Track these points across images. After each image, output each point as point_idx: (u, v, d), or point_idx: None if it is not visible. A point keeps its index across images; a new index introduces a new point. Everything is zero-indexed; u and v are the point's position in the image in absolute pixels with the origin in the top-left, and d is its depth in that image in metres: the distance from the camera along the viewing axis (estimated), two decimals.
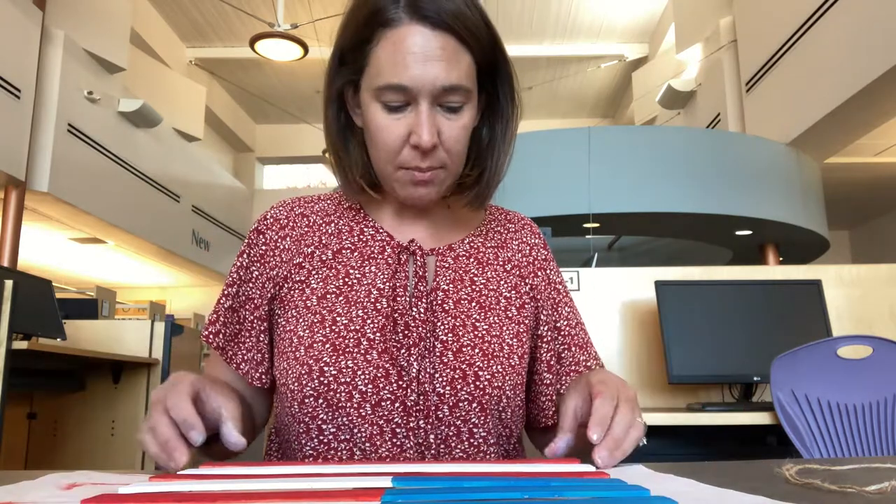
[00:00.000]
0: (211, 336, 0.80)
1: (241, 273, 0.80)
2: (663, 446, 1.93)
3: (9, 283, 2.40)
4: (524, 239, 0.86)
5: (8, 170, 4.59)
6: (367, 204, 0.83)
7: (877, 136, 5.67)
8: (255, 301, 0.79)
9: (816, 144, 5.32)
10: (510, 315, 0.78)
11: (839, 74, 4.56)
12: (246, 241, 0.82)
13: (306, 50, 6.09)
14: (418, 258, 0.76)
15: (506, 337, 0.76)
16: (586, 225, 5.17)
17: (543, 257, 0.86)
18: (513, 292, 0.80)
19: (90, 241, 6.66)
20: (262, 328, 0.79)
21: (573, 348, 0.83)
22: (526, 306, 0.81)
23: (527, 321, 0.80)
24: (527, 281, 0.83)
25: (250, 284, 0.79)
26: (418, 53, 0.67)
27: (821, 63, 4.82)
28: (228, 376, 0.80)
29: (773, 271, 2.46)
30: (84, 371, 3.59)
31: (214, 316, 0.81)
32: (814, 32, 4.94)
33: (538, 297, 0.83)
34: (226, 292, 0.81)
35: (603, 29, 8.34)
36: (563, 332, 0.84)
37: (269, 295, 0.78)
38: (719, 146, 5.30)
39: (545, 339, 0.82)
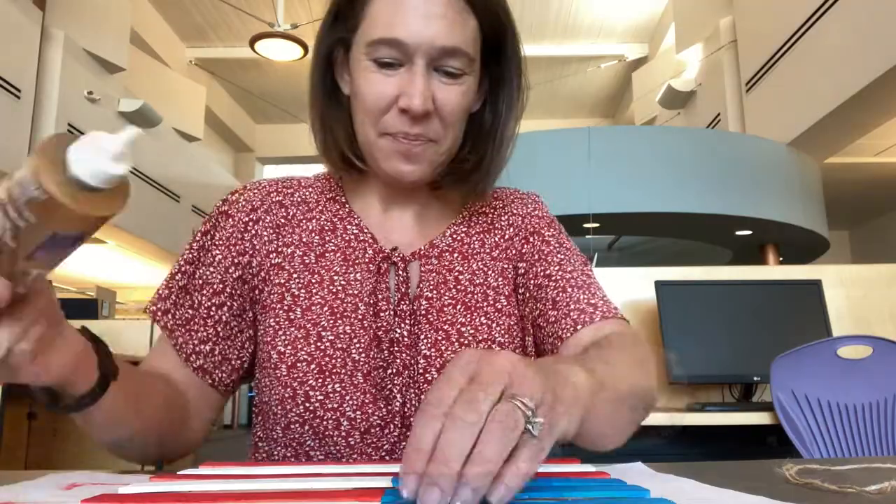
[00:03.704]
0: (159, 314, 0.69)
1: (201, 255, 0.71)
2: (663, 446, 1.93)
3: None
4: (515, 211, 0.79)
5: (8, 170, 4.58)
6: (351, 192, 0.76)
7: (877, 136, 5.67)
8: (215, 286, 0.70)
9: (816, 144, 5.32)
10: (499, 307, 0.72)
11: (839, 74, 4.56)
12: (210, 220, 0.73)
13: (306, 50, 6.08)
14: (400, 270, 0.70)
15: (496, 336, 0.70)
16: (586, 225, 5.17)
17: (538, 223, 0.78)
18: (500, 280, 0.74)
19: (90, 241, 6.66)
20: (221, 319, 0.69)
21: (569, 289, 0.72)
22: (517, 290, 0.75)
23: (517, 309, 0.74)
24: (514, 261, 0.76)
25: (211, 269, 0.70)
26: (419, 8, 0.61)
27: (821, 63, 4.82)
28: (173, 367, 0.68)
29: (773, 271, 2.46)
30: None
31: (166, 291, 0.70)
32: (814, 32, 4.94)
33: (528, 260, 0.75)
34: (182, 269, 0.70)
35: (603, 29, 8.34)
36: (553, 278, 0.73)
37: (232, 282, 0.70)
38: (719, 146, 5.30)
39: (537, 298, 0.73)
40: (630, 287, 2.28)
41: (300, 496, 0.39)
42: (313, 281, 0.70)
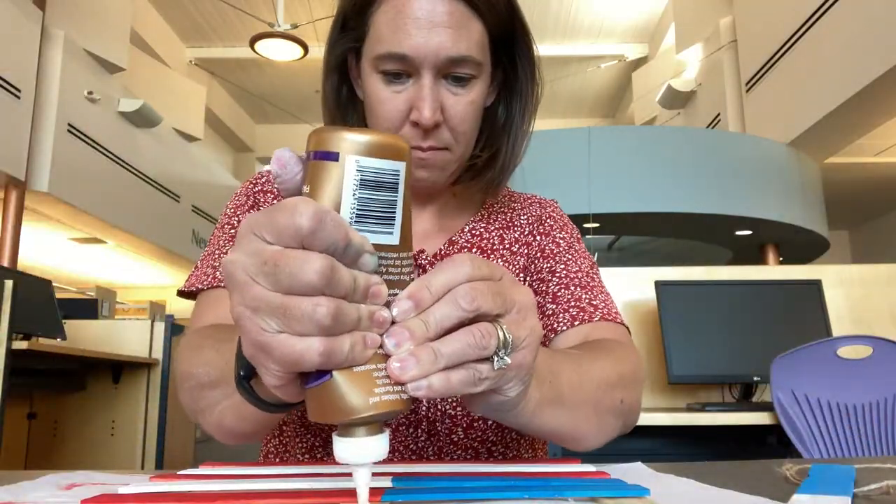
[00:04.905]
0: (207, 279, 0.68)
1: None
2: (663, 446, 1.93)
3: (9, 283, 2.40)
4: (533, 212, 0.79)
5: (8, 170, 4.59)
6: None
7: (877, 136, 5.68)
8: None
9: (816, 144, 5.32)
10: None
11: (839, 74, 4.56)
12: (249, 197, 0.74)
13: (306, 50, 6.08)
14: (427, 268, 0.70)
15: None
16: (586, 225, 5.17)
17: (552, 225, 0.78)
18: (521, 275, 0.74)
19: (90, 241, 6.66)
20: None
21: (572, 287, 0.71)
22: (533, 285, 0.75)
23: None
24: (534, 257, 0.76)
25: None
26: (422, 19, 0.60)
27: (821, 63, 4.82)
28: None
29: (773, 271, 2.46)
30: (84, 371, 3.59)
31: (204, 265, 0.70)
32: (814, 32, 4.94)
33: (532, 257, 0.76)
34: (222, 244, 0.70)
35: (603, 29, 8.34)
36: (558, 275, 0.73)
37: None
38: (719, 146, 5.30)
39: (537, 292, 0.73)
40: (630, 287, 2.28)
41: (300, 496, 0.39)
42: None
